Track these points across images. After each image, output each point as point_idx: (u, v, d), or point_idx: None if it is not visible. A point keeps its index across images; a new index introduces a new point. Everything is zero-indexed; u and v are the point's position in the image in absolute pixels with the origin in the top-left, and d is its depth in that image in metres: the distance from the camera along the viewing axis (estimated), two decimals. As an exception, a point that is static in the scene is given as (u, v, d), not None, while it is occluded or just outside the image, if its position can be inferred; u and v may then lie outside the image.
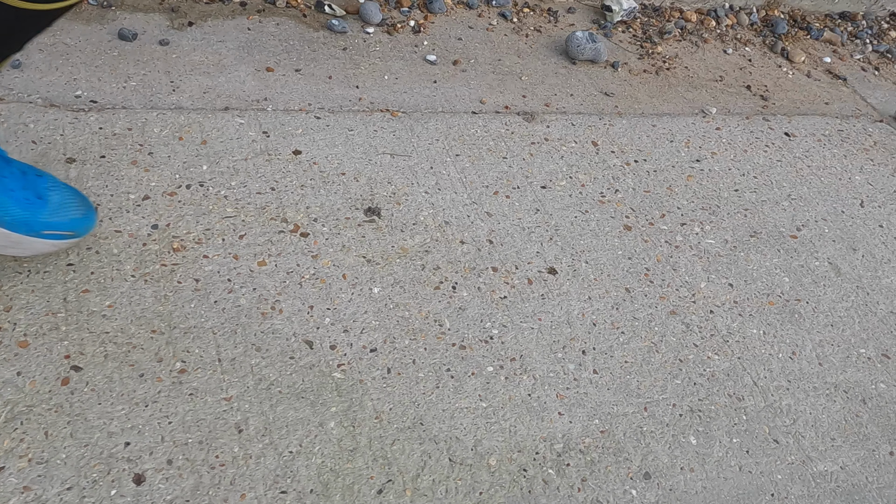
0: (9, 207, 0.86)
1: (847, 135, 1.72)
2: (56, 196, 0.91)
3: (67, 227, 0.92)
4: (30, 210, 0.88)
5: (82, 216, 0.94)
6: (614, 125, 1.53)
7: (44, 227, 0.90)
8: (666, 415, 1.04)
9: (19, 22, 0.74)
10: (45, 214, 0.89)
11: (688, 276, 1.24)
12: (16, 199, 0.86)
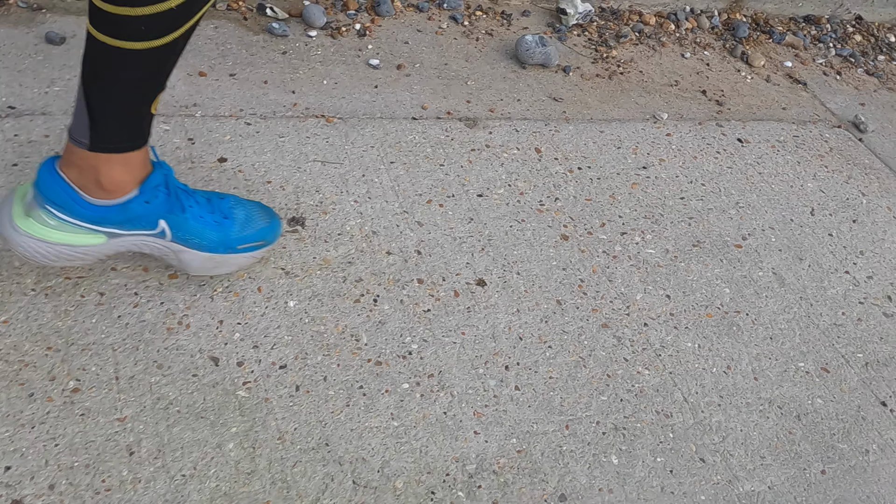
0: (205, 233, 0.96)
1: (802, 141, 1.69)
2: (240, 212, 1.00)
3: (257, 237, 1.01)
4: (222, 231, 0.97)
5: (268, 225, 1.03)
6: (560, 131, 1.49)
7: (238, 243, 0.99)
8: (588, 433, 1.01)
9: (158, 61, 0.81)
10: (236, 231, 0.99)
11: (623, 288, 1.21)
12: (208, 224, 0.96)
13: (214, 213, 0.97)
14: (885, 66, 2.08)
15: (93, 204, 0.88)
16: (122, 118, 0.84)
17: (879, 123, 1.84)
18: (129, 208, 0.90)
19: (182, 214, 0.94)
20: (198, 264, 0.98)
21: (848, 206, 1.53)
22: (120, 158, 0.86)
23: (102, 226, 0.90)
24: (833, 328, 1.26)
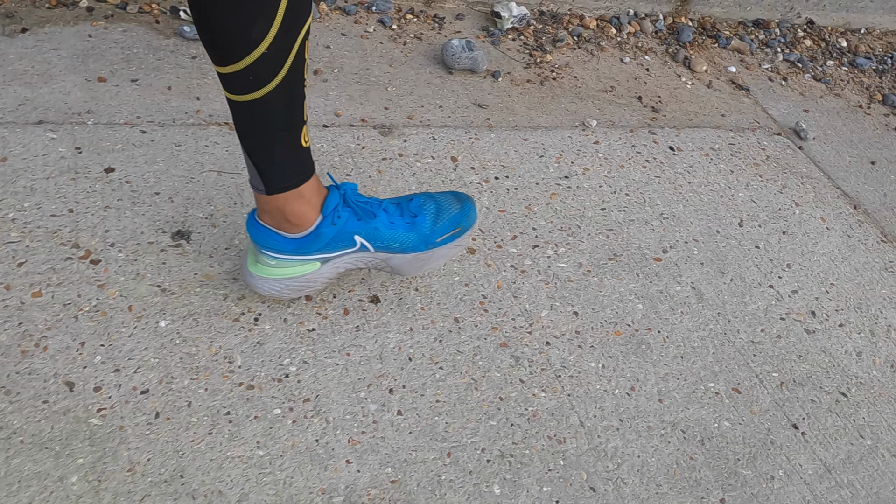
0: (401, 237, 1.02)
1: (739, 149, 1.64)
2: (430, 207, 1.05)
3: (451, 226, 1.05)
4: (416, 230, 1.02)
5: (459, 210, 1.06)
6: (481, 139, 1.44)
7: (435, 236, 1.04)
8: (471, 461, 0.95)
9: (282, 102, 0.87)
10: (429, 226, 1.03)
11: (529, 304, 1.16)
12: (400, 227, 1.02)
13: (404, 216, 1.03)
14: (833, 71, 2.03)
15: (291, 238, 0.98)
16: (281, 160, 0.92)
17: (822, 131, 1.80)
18: (321, 233, 0.99)
19: (371, 225, 1.01)
20: (407, 266, 1.05)
21: (779, 216, 1.49)
22: (293, 194, 0.95)
23: (310, 254, 1.00)
24: (750, 346, 1.21)
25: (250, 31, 0.79)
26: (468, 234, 1.07)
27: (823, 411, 1.15)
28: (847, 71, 2.05)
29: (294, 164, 0.93)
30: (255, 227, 0.98)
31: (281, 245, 0.99)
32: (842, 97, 1.95)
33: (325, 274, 1.03)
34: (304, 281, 1.02)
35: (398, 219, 1.03)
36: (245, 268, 1.03)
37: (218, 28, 0.79)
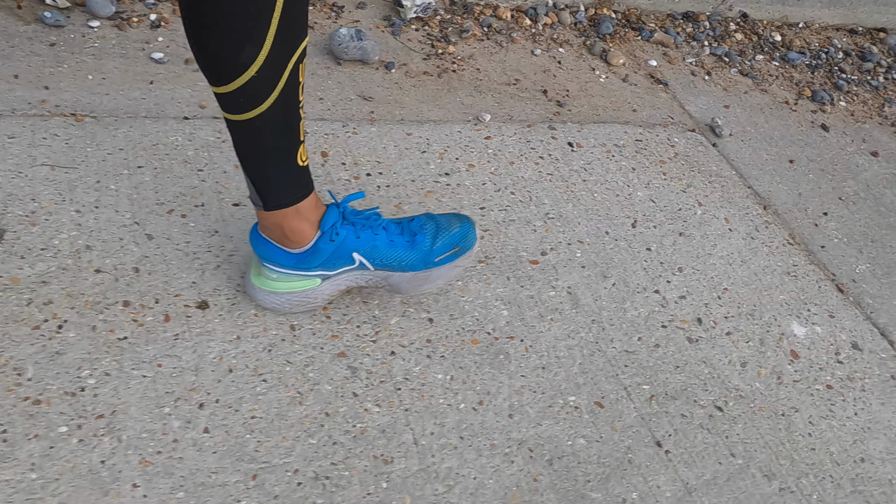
0: (401, 255, 1.03)
1: (645, 145, 1.56)
2: (430, 226, 1.05)
3: (449, 245, 1.05)
4: (415, 249, 1.03)
5: (458, 230, 1.06)
6: (359, 133, 1.36)
7: (434, 255, 1.04)
8: (280, 484, 0.87)
9: (275, 123, 0.89)
10: (428, 245, 1.04)
11: (379, 311, 1.08)
12: (400, 245, 1.03)
13: (404, 234, 1.04)
14: (763, 66, 1.95)
15: (291, 253, 0.99)
16: (278, 177, 0.93)
17: (741, 127, 1.72)
18: (319, 249, 0.99)
19: (372, 243, 1.02)
20: (406, 285, 1.05)
21: (678, 217, 1.41)
22: (291, 211, 0.96)
23: (310, 270, 1.01)
24: (622, 356, 1.13)
25: (239, 55, 0.80)
26: (468, 254, 1.08)
27: (694, 427, 1.07)
28: (777, 66, 1.97)
29: (290, 181, 0.95)
30: (257, 240, 1.00)
31: (282, 259, 1.00)
32: (768, 93, 1.86)
33: (326, 290, 1.04)
34: (304, 296, 1.03)
35: (398, 237, 1.04)
36: (248, 279, 1.04)
37: (209, 51, 0.82)
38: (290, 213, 0.96)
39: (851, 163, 1.71)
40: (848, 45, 2.16)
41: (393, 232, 1.04)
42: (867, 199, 1.62)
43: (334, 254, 1.00)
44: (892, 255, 1.48)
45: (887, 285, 1.41)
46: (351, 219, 1.02)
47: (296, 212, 0.96)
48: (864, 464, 1.09)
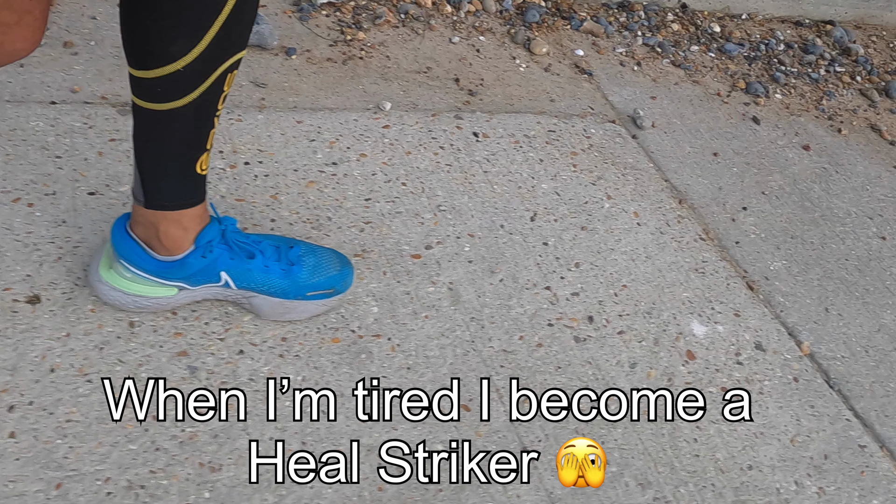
0: (272, 281, 0.98)
1: (558, 136, 1.49)
2: (310, 259, 1.01)
3: (325, 285, 1.01)
4: (289, 278, 0.99)
5: (338, 272, 1.03)
6: (244, 120, 1.29)
7: (307, 290, 1.00)
8: (87, 493, 0.80)
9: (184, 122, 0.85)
10: (304, 278, 1.00)
11: (233, 307, 1.00)
12: (274, 272, 0.98)
13: (281, 261, 1.00)
14: (697, 57, 1.89)
15: (157, 259, 0.94)
16: (169, 177, 0.89)
17: (667, 119, 1.65)
18: (188, 264, 0.94)
19: (244, 266, 0.97)
20: (268, 309, 1.00)
21: (583, 210, 1.34)
22: (173, 215, 0.91)
23: (170, 280, 0.95)
24: (499, 356, 1.06)
25: (170, 46, 0.77)
26: (339, 297, 1.04)
27: (568, 432, 1.00)
28: (713, 57, 1.91)
29: (182, 186, 0.91)
30: (121, 236, 0.93)
31: (142, 263, 0.94)
32: (700, 84, 1.80)
33: (181, 300, 0.99)
34: (154, 302, 0.97)
35: (274, 263, 0.99)
36: (95, 270, 0.96)
37: (139, 35, 0.78)
38: (171, 217, 0.91)
39: (781, 156, 1.65)
40: (791, 38, 2.10)
41: (269, 257, 0.99)
42: (792, 193, 1.55)
43: (202, 270, 0.95)
44: (811, 251, 1.42)
45: (802, 283, 1.35)
46: (230, 239, 0.96)
47: (177, 218, 0.91)
48: (751, 471, 1.02)
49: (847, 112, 1.87)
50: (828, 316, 1.30)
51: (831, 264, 1.41)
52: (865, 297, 1.36)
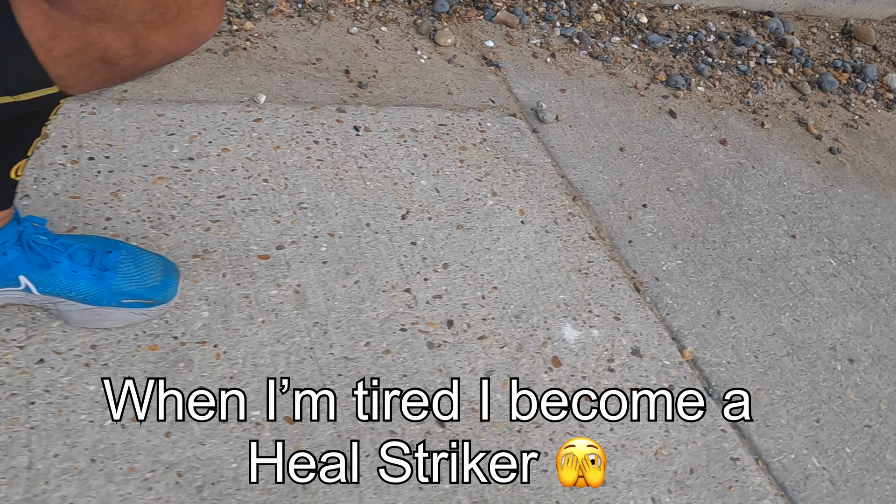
0: (80, 287, 0.91)
1: (449, 130, 1.42)
2: (129, 267, 0.95)
3: (144, 295, 0.95)
4: (101, 284, 0.93)
5: (159, 283, 0.97)
6: (98, 113, 1.22)
7: (122, 297, 0.94)
8: None
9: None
10: (118, 284, 0.93)
11: (41, 312, 0.94)
12: (83, 277, 0.92)
13: (93, 266, 0.93)
14: (618, 48, 1.81)
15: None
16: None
17: (575, 112, 1.58)
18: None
19: (46, 270, 0.91)
20: (77, 316, 0.94)
21: (463, 208, 1.27)
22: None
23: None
24: (339, 363, 0.99)
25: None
26: (160, 308, 0.98)
27: (420, 433, 0.93)
28: (636, 49, 1.83)
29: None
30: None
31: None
32: (617, 76, 1.73)
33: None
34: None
35: (84, 268, 0.93)
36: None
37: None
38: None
39: (694, 151, 1.58)
40: (725, 29, 2.02)
41: (80, 261, 0.93)
42: (701, 190, 1.48)
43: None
44: (711, 250, 1.35)
45: (696, 284, 1.27)
46: (29, 240, 0.89)
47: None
48: (603, 487, 0.95)
49: (774, 105, 1.80)
50: (719, 319, 1.23)
51: (732, 264, 1.34)
52: (764, 298, 1.29)
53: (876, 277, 1.40)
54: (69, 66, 0.65)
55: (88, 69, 0.66)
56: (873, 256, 1.44)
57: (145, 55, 0.66)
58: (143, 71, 0.70)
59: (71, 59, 0.64)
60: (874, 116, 1.88)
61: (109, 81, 0.69)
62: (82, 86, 0.68)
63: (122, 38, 0.64)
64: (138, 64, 0.67)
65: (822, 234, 1.47)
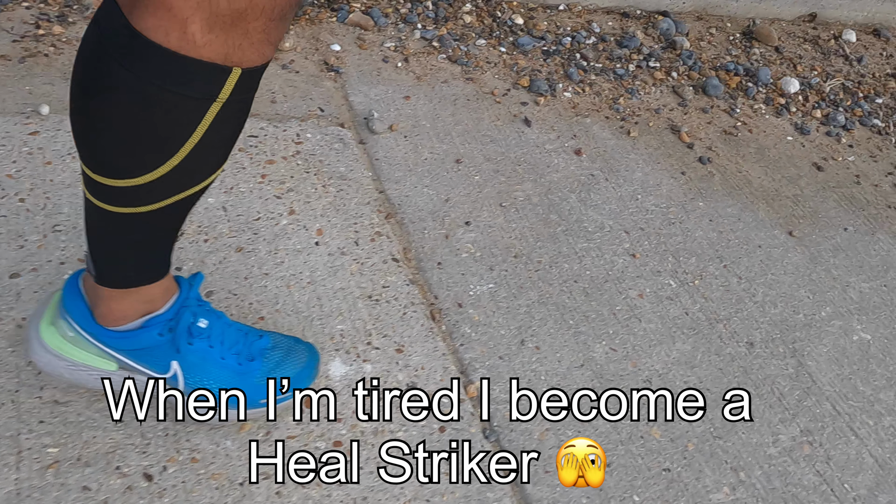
0: (224, 382, 0.87)
1: (260, 142, 1.31)
2: (275, 356, 0.91)
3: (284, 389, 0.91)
4: (242, 378, 0.88)
5: (300, 370, 0.93)
6: None
7: (260, 396, 0.89)
8: None
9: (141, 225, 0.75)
10: (257, 378, 0.89)
11: None
12: (230, 369, 0.87)
13: (241, 355, 0.89)
14: (483, 51, 1.71)
15: (102, 326, 0.84)
16: (126, 264, 0.80)
17: (414, 121, 1.47)
18: (140, 337, 0.83)
19: (201, 356, 0.85)
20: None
21: (249, 228, 1.16)
22: (128, 290, 0.81)
23: (112, 350, 0.84)
24: (46, 407, 0.89)
25: (129, 164, 0.68)
26: (293, 400, 0.94)
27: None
28: (504, 52, 1.73)
29: (141, 269, 0.81)
30: (73, 291, 0.83)
31: (89, 324, 0.84)
32: (476, 82, 1.62)
33: (115, 381, 0.86)
34: (88, 374, 0.85)
35: (232, 357, 0.88)
36: (35, 323, 0.86)
37: (95, 153, 0.70)
38: (123, 292, 0.81)
39: (542, 162, 1.47)
40: (611, 30, 1.92)
41: (229, 347, 0.87)
42: (539, 205, 1.38)
43: (150, 349, 0.84)
44: (534, 272, 1.24)
45: (504, 310, 1.17)
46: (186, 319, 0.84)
47: (131, 294, 0.81)
48: (326, 550, 0.85)
49: (648, 112, 1.69)
50: (521, 349, 1.13)
51: (553, 287, 1.23)
52: (581, 325, 1.19)
53: (719, 300, 1.30)
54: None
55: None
56: (721, 277, 1.34)
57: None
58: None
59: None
60: (760, 123, 1.77)
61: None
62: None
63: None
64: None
65: (669, 252, 1.36)
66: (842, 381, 1.23)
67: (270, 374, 0.89)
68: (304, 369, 0.93)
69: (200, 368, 0.85)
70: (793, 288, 1.36)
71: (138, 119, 0.65)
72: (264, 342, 0.91)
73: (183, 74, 0.63)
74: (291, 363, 0.92)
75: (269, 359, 0.90)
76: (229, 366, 0.86)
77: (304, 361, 0.94)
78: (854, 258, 1.47)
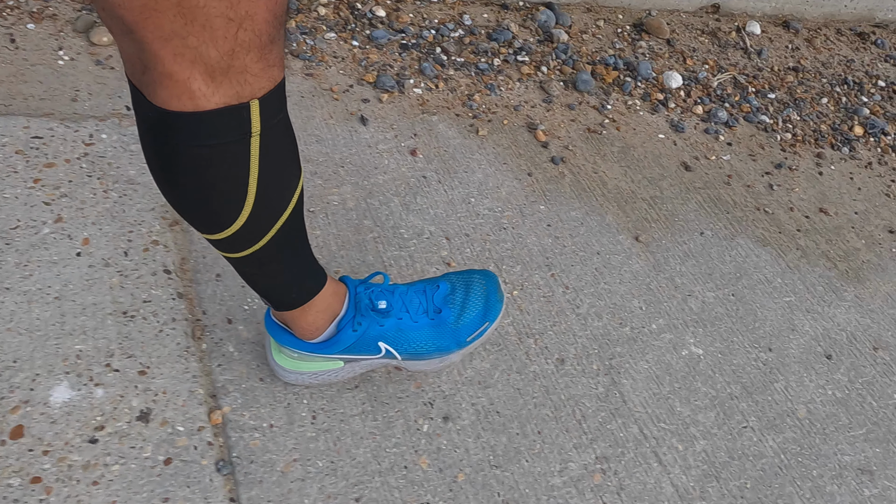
0: (429, 342, 0.97)
1: (45, 143, 1.20)
2: (457, 298, 0.98)
3: (478, 322, 0.99)
4: (440, 330, 0.97)
5: (484, 303, 1.00)
6: None
7: (463, 335, 0.98)
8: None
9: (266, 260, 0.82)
10: (452, 322, 0.98)
11: None
12: (426, 327, 0.96)
13: (429, 312, 0.97)
14: (332, 45, 1.61)
15: (307, 342, 0.95)
16: (281, 290, 0.88)
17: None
18: (340, 339, 0.93)
19: (397, 327, 0.95)
20: (428, 367, 1.00)
21: (3, 238, 1.07)
22: (303, 308, 0.90)
23: (332, 354, 0.95)
24: None
25: (218, 217, 0.74)
26: (493, 328, 1.01)
27: None
28: (356, 46, 1.63)
29: (300, 287, 0.89)
30: (272, 327, 0.95)
31: (299, 344, 0.95)
32: (315, 78, 1.52)
33: (351, 372, 0.99)
34: (327, 375, 0.99)
35: (422, 317, 0.96)
36: (269, 356, 0.99)
37: (187, 216, 0.77)
38: (303, 310, 0.90)
39: (371, 164, 1.38)
40: (485, 23, 1.82)
41: (416, 311, 0.96)
42: (354, 210, 1.28)
43: (357, 342, 0.94)
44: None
45: (281, 327, 1.08)
46: (363, 307, 0.94)
47: (309, 308, 0.90)
48: None
49: (506, 109, 1.60)
50: (289, 370, 1.04)
51: (346, 300, 1.14)
52: (367, 342, 1.10)
53: (536, 312, 1.20)
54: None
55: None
56: (546, 286, 1.25)
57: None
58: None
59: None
60: (631, 119, 1.68)
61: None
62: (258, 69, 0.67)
63: None
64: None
65: (491, 260, 1.27)
66: (657, 402, 1.13)
67: (460, 315, 0.97)
68: (487, 300, 1.00)
69: (403, 339, 0.95)
70: (626, 298, 1.27)
71: (200, 179, 0.71)
72: (443, 289, 0.99)
73: (210, 127, 0.66)
74: (473, 301, 0.99)
75: (453, 304, 0.98)
76: (424, 325, 0.96)
77: (485, 294, 1.00)
78: (704, 265, 1.37)
